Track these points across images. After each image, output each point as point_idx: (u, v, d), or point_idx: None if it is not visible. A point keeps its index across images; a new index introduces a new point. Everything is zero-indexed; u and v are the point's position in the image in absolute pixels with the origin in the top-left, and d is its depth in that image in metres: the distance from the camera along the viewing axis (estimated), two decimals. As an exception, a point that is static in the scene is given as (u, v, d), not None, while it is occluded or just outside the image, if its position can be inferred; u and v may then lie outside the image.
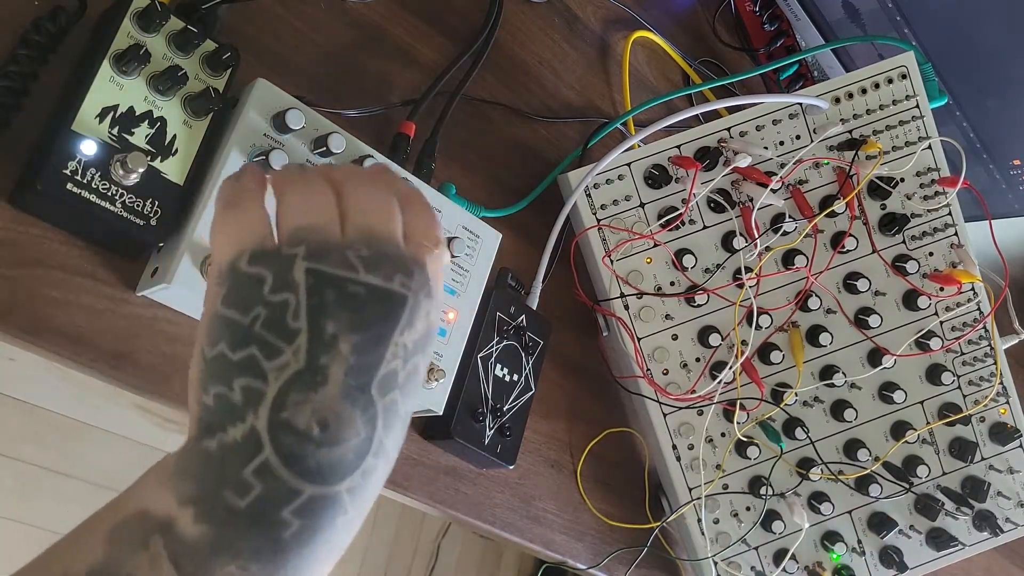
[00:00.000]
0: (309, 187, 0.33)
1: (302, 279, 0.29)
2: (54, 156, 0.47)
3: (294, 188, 0.33)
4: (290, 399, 0.27)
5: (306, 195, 0.32)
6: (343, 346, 0.28)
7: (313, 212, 0.31)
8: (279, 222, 0.32)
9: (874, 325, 0.77)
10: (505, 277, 0.69)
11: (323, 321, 0.28)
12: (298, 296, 0.29)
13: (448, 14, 0.74)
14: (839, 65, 0.93)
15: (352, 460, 0.27)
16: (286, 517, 0.26)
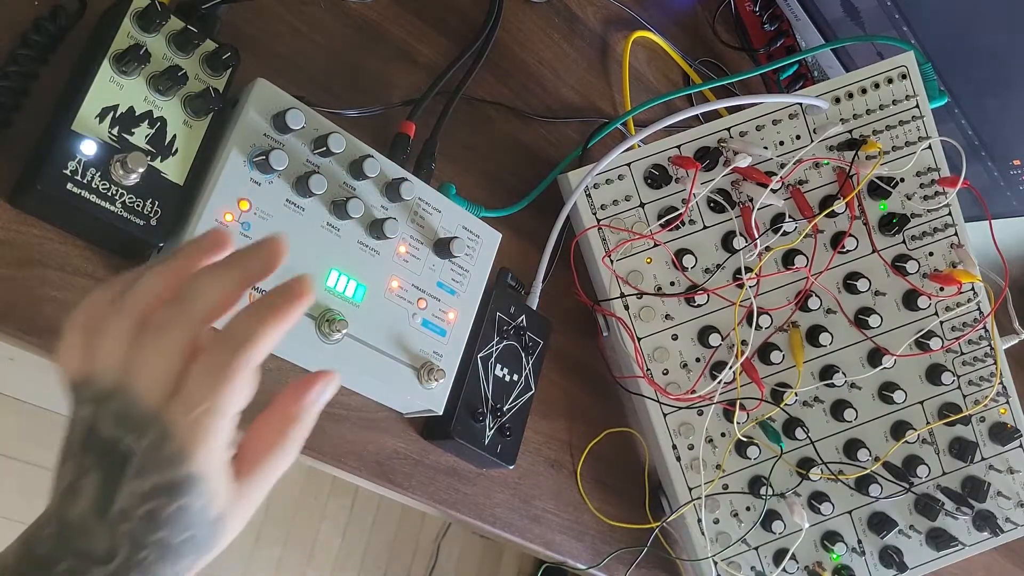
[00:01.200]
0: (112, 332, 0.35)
1: (85, 418, 0.35)
2: (54, 156, 0.47)
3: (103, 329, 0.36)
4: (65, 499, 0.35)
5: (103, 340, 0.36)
6: (91, 477, 0.35)
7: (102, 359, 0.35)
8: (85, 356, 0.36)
9: (874, 325, 0.77)
10: (505, 277, 0.69)
11: (83, 456, 0.35)
12: (77, 432, 0.35)
13: (448, 14, 0.74)
14: (839, 65, 0.93)
15: (102, 555, 0.34)
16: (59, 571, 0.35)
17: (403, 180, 0.60)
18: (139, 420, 0.34)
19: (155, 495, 0.34)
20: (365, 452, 0.62)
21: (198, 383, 0.34)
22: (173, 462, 0.34)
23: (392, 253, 0.60)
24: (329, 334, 0.55)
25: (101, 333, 0.36)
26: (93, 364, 0.35)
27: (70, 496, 0.35)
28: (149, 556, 0.35)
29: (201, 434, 0.35)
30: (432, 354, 0.61)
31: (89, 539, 0.34)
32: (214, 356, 0.35)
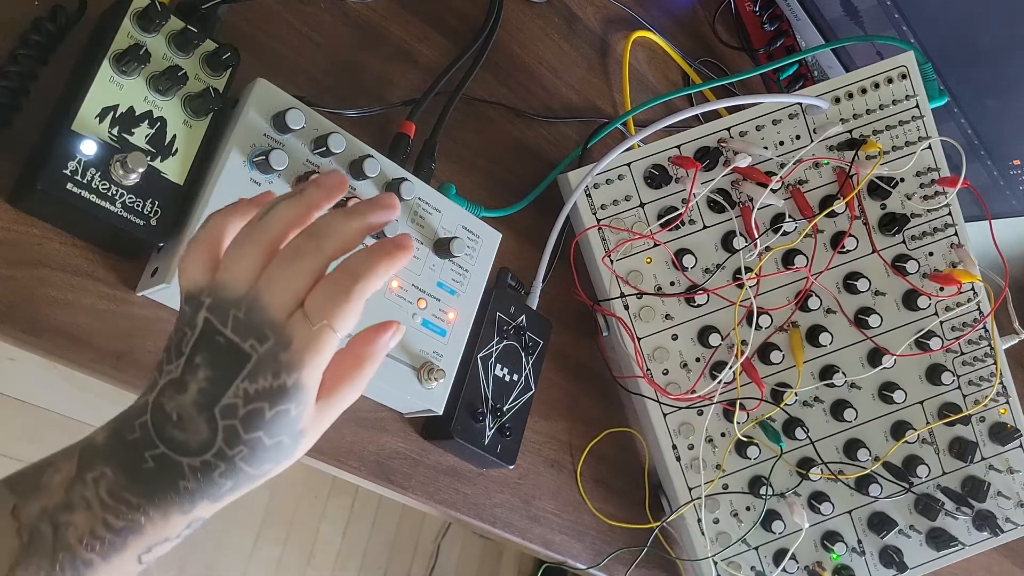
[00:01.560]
0: (244, 247, 0.40)
1: (200, 322, 0.39)
2: (54, 156, 0.47)
3: (235, 245, 0.41)
4: (166, 392, 0.39)
5: (238, 256, 0.40)
6: (200, 374, 0.39)
7: (232, 271, 0.40)
8: (218, 267, 0.41)
9: (874, 325, 0.77)
10: (505, 277, 0.69)
11: (196, 354, 0.39)
12: (193, 332, 0.39)
13: (448, 14, 0.74)
14: (839, 65, 0.93)
15: (194, 448, 0.39)
16: (146, 456, 0.39)
17: (403, 180, 0.60)
18: (263, 327, 0.39)
19: (262, 397, 0.39)
20: (365, 452, 0.62)
21: (322, 302, 0.39)
22: (287, 369, 0.39)
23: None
24: (329, 334, 0.55)
25: (235, 249, 0.40)
26: (222, 275, 0.40)
27: (173, 389, 0.39)
28: (240, 453, 0.39)
29: (315, 346, 0.39)
30: (432, 354, 0.61)
31: (186, 430, 0.39)
32: (338, 282, 0.40)
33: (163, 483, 0.39)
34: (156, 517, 0.39)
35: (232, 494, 0.41)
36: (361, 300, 0.40)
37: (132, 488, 0.39)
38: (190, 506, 0.40)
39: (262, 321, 0.39)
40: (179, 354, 0.39)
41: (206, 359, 0.39)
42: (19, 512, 0.38)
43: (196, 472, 0.39)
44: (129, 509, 0.39)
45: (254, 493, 1.35)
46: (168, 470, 0.39)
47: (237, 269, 0.40)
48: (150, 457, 0.39)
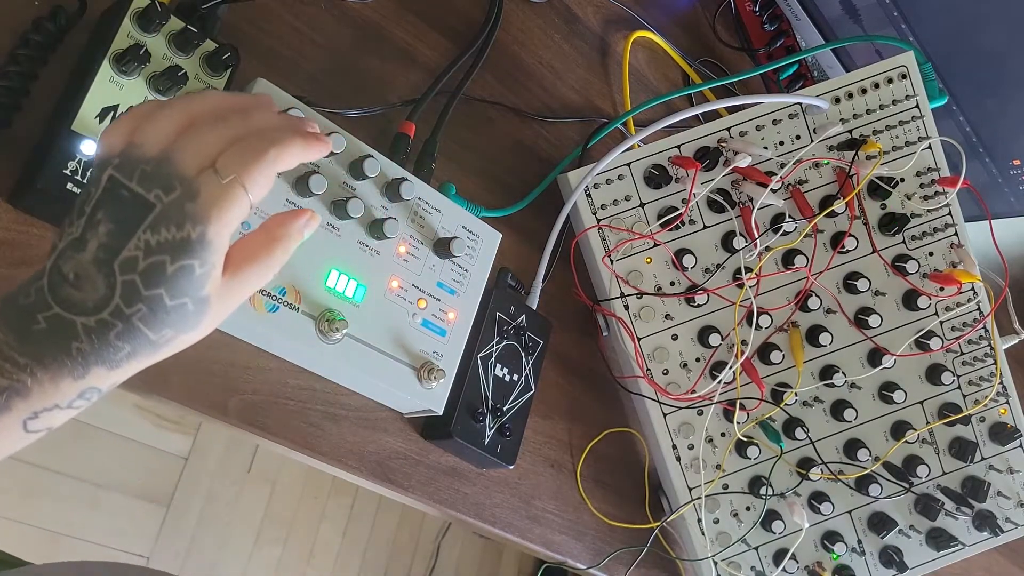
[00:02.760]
0: (164, 114, 0.40)
1: (104, 179, 0.39)
2: (54, 156, 0.47)
3: (156, 111, 0.41)
4: (65, 253, 0.39)
5: (155, 120, 0.40)
6: (101, 228, 0.38)
7: (147, 134, 0.40)
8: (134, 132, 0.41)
9: (874, 325, 0.77)
10: (505, 277, 0.69)
11: (97, 211, 0.39)
12: (97, 190, 0.39)
13: (448, 14, 0.74)
14: (839, 65, 0.93)
15: (90, 307, 0.38)
16: (39, 318, 0.38)
17: (403, 180, 0.60)
18: (170, 179, 0.39)
19: (164, 249, 0.38)
20: (365, 452, 0.62)
21: (234, 159, 0.39)
22: (191, 220, 0.38)
23: (392, 253, 0.60)
24: (329, 334, 0.55)
25: (154, 114, 0.40)
26: (137, 137, 0.40)
27: (72, 249, 0.38)
28: (139, 312, 0.39)
29: (223, 201, 0.39)
30: (432, 354, 0.61)
31: (82, 289, 0.38)
32: (251, 144, 0.40)
33: (54, 344, 0.38)
34: (44, 379, 0.38)
35: (130, 362, 0.40)
36: (274, 167, 0.40)
37: (20, 348, 0.38)
38: (83, 371, 0.39)
39: (170, 173, 0.39)
40: (80, 214, 0.39)
41: (108, 213, 0.38)
42: None
43: (91, 333, 0.38)
44: (15, 368, 0.38)
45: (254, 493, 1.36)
46: (60, 330, 0.38)
47: (152, 132, 0.40)
48: (42, 319, 0.38)
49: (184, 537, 1.64)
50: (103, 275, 0.38)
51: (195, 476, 1.67)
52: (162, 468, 1.64)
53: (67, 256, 0.38)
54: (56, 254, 0.39)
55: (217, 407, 0.56)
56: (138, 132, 0.40)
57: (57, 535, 1.50)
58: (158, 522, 1.61)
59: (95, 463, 1.56)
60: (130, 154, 0.39)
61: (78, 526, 1.52)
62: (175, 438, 1.66)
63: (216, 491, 1.69)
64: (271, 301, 0.53)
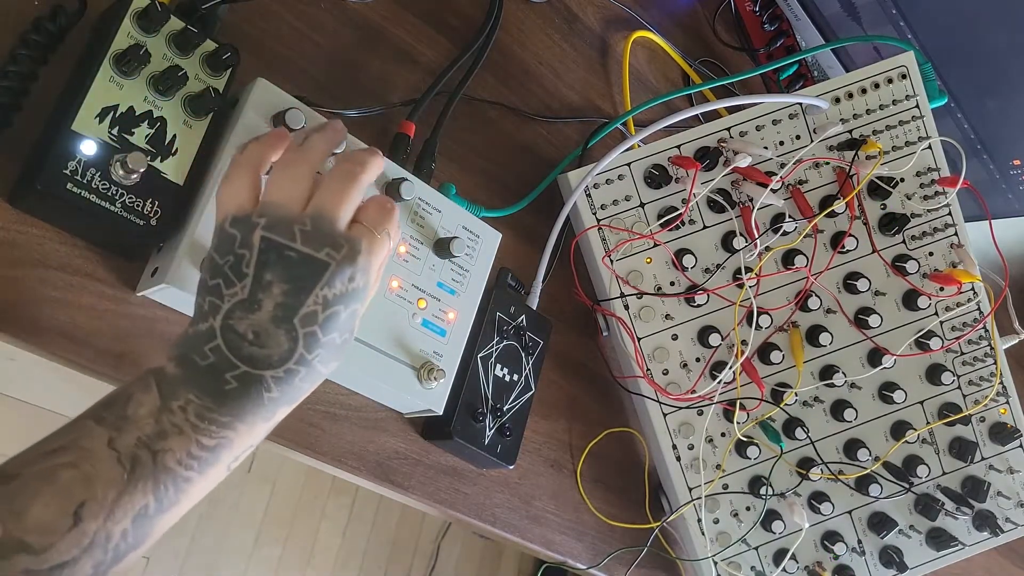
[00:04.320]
0: (293, 171, 0.44)
1: (257, 242, 0.42)
2: (54, 156, 0.47)
3: (283, 169, 0.45)
4: (235, 314, 0.41)
5: (287, 177, 0.44)
6: (275, 290, 0.41)
7: (285, 192, 0.44)
8: (264, 191, 0.44)
9: (874, 325, 0.77)
10: (505, 277, 0.69)
11: (263, 272, 0.42)
12: (252, 253, 0.42)
13: (448, 14, 0.74)
14: (839, 65, 0.93)
15: (276, 360, 0.42)
16: (228, 378, 0.41)
17: (403, 180, 0.60)
18: (334, 237, 0.43)
19: (340, 300, 0.43)
20: (365, 452, 0.62)
21: (376, 215, 0.45)
22: (361, 271, 0.43)
23: (392, 253, 0.60)
24: (329, 334, 0.55)
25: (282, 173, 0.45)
26: (274, 196, 0.44)
27: (243, 310, 0.42)
28: (319, 355, 0.43)
29: (380, 251, 0.45)
30: (432, 354, 0.61)
31: (265, 346, 0.42)
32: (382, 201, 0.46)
33: (248, 399, 0.42)
34: (243, 430, 0.42)
35: (306, 395, 0.44)
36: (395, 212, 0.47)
37: (219, 409, 0.41)
38: (272, 413, 0.43)
39: (333, 232, 0.43)
40: (241, 275, 0.42)
41: (279, 274, 0.42)
42: (115, 443, 0.40)
43: (280, 383, 0.42)
44: (219, 428, 0.41)
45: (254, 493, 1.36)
46: (252, 386, 0.41)
47: (289, 190, 0.44)
48: (232, 378, 0.41)
49: (184, 537, 1.64)
50: (284, 331, 0.42)
51: (195, 476, 1.67)
52: (162, 468, 1.63)
53: (239, 317, 0.41)
54: (223, 314, 0.42)
55: (217, 407, 0.56)
56: (271, 191, 0.44)
57: (57, 535, 1.49)
58: (158, 522, 1.61)
59: (95, 463, 1.56)
60: (276, 214, 0.43)
61: (78, 526, 1.52)
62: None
63: (216, 491, 1.69)
64: (271, 301, 0.53)
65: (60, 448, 0.39)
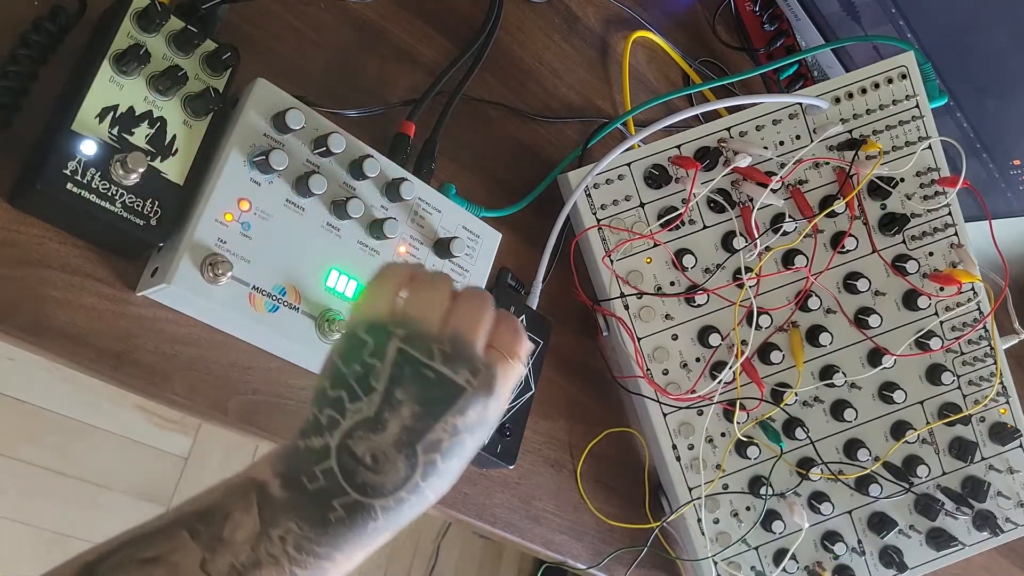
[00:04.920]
0: (433, 291, 0.42)
1: (392, 354, 0.39)
2: (54, 156, 0.47)
3: (423, 288, 0.43)
4: (356, 434, 0.38)
5: (427, 295, 0.42)
6: (405, 410, 0.38)
7: (426, 309, 0.41)
8: (402, 305, 0.42)
9: (874, 325, 0.77)
10: (505, 277, 0.69)
11: (395, 388, 0.38)
12: (384, 365, 0.39)
13: (448, 14, 0.74)
14: (839, 65, 0.93)
15: (389, 488, 0.38)
16: (335, 506, 0.38)
17: (403, 180, 0.60)
18: (473, 361, 0.40)
19: (469, 429, 0.39)
20: (365, 452, 0.62)
21: (510, 341, 0.42)
22: (494, 398, 0.40)
23: (392, 253, 0.60)
24: (329, 334, 0.55)
25: (423, 290, 0.42)
26: (413, 311, 0.41)
27: (367, 429, 0.38)
28: (432, 484, 0.39)
29: (513, 378, 0.42)
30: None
31: (381, 472, 0.38)
32: (515, 326, 0.43)
33: (352, 530, 0.38)
34: (341, 560, 0.39)
35: (409, 522, 0.40)
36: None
37: (319, 540, 0.38)
38: (372, 542, 0.39)
39: (472, 355, 0.40)
40: (369, 389, 0.39)
41: (412, 393, 0.39)
42: (208, 566, 0.37)
43: (388, 511, 0.39)
44: (317, 559, 0.38)
45: (254, 493, 1.28)
46: (359, 516, 0.38)
47: (429, 308, 0.41)
48: (339, 506, 0.38)
49: (184, 537, 1.64)
50: (404, 456, 0.38)
51: (195, 476, 1.67)
52: (162, 468, 1.64)
53: (359, 437, 0.38)
54: (343, 432, 0.38)
55: (217, 407, 0.56)
56: (412, 304, 0.42)
57: (57, 535, 1.50)
58: (158, 522, 1.61)
59: (95, 463, 1.56)
60: (416, 328, 0.40)
61: (78, 526, 1.52)
62: (175, 438, 1.66)
63: (216, 491, 1.69)
64: (271, 301, 0.53)
65: (153, 559, 0.37)
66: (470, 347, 0.40)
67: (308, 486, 0.38)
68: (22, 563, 1.46)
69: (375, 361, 0.39)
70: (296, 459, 0.39)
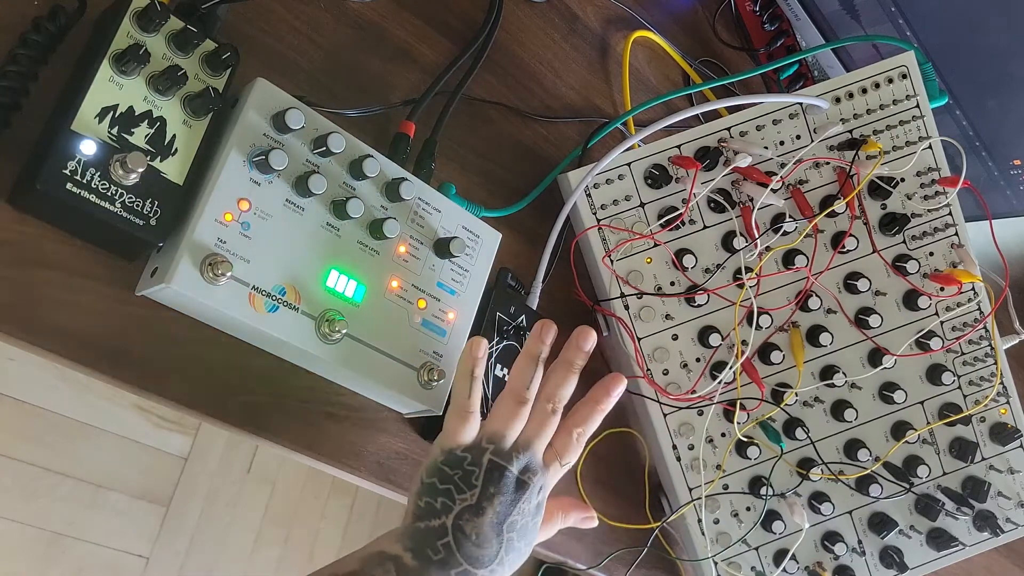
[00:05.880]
0: (512, 409, 0.56)
1: (485, 463, 0.54)
2: (54, 156, 0.47)
3: (505, 405, 0.56)
4: (464, 516, 0.52)
5: (507, 413, 0.56)
6: (496, 501, 0.53)
7: (506, 425, 0.56)
8: (488, 419, 0.56)
9: (874, 325, 0.77)
10: (505, 277, 0.69)
11: (488, 486, 0.53)
12: (480, 470, 0.54)
13: (448, 14, 0.74)
14: (839, 65, 0.93)
15: (485, 560, 0.52)
16: (452, 574, 0.51)
17: (403, 180, 0.60)
18: (537, 467, 0.56)
19: (531, 513, 0.55)
20: (365, 452, 0.62)
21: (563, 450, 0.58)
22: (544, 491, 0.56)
23: (392, 253, 0.60)
24: (329, 334, 0.55)
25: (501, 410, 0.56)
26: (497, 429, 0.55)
27: (471, 514, 0.52)
28: (510, 558, 0.53)
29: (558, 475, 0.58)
30: (432, 354, 0.61)
31: (481, 546, 0.52)
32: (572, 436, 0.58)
33: None
34: None
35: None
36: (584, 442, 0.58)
37: None
38: None
39: (536, 463, 0.56)
40: (470, 486, 0.53)
41: (499, 488, 0.53)
42: None
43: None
44: None
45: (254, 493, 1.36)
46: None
47: (508, 426, 0.55)
48: (455, 574, 0.51)
49: (184, 537, 1.64)
50: (495, 534, 0.52)
51: (195, 476, 1.67)
52: (162, 468, 1.64)
53: (467, 519, 0.52)
54: (454, 515, 0.52)
55: (217, 407, 0.56)
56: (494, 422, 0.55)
57: (57, 535, 1.50)
58: (158, 522, 1.61)
59: (95, 463, 1.56)
60: (500, 445, 0.55)
61: (78, 526, 1.52)
62: (175, 438, 1.66)
63: (216, 491, 1.69)
64: (271, 301, 0.53)
65: None
66: (535, 456, 0.56)
67: (433, 557, 0.50)
68: (22, 563, 1.46)
69: (474, 468, 0.53)
70: (420, 537, 0.51)
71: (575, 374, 0.58)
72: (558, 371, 0.58)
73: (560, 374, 0.58)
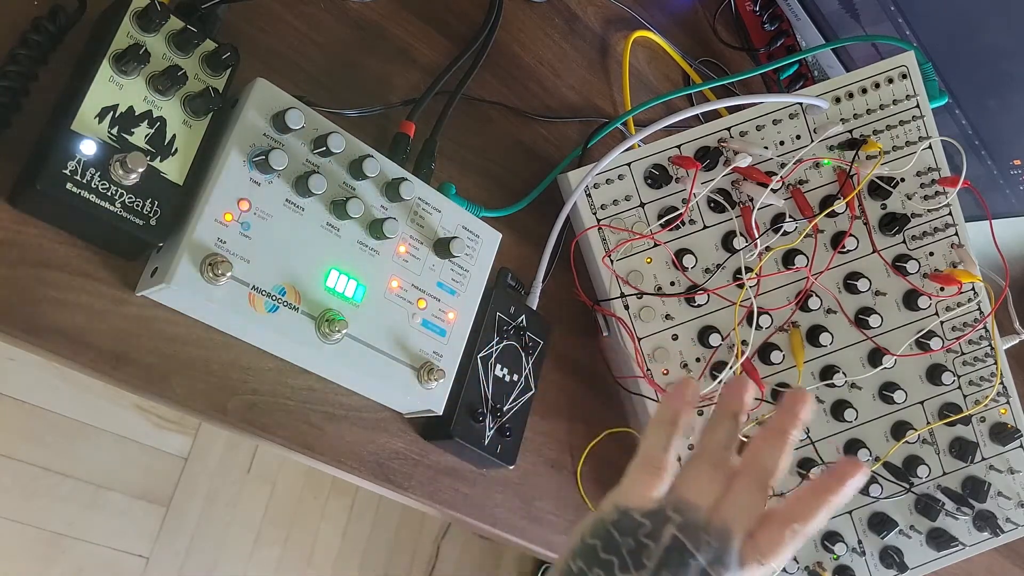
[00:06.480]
0: (708, 474, 0.44)
1: (667, 539, 0.42)
2: (54, 156, 0.47)
3: (698, 468, 0.45)
4: None
5: (701, 478, 0.44)
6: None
7: (700, 492, 0.44)
8: (676, 483, 0.45)
9: (874, 325, 0.77)
10: (505, 277, 0.69)
11: (662, 570, 0.41)
12: (658, 546, 0.42)
13: (448, 14, 0.74)
14: (839, 65, 0.93)
15: None
16: None
17: (403, 180, 0.60)
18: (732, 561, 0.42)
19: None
20: (365, 452, 0.62)
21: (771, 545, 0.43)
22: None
23: (392, 253, 0.60)
24: (329, 334, 0.55)
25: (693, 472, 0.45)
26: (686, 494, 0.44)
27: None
28: None
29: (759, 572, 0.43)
30: (432, 354, 0.61)
31: None
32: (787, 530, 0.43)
33: None
34: None
35: None
36: (801, 543, 0.43)
37: None
38: None
39: (731, 556, 0.42)
40: (639, 565, 0.42)
41: (669, 561, 0.42)
42: None
43: None
44: None
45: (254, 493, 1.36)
46: None
47: (704, 491, 0.44)
48: None
49: (184, 537, 1.64)
50: None
51: (195, 476, 1.67)
52: (162, 468, 1.64)
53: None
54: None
55: (217, 407, 0.56)
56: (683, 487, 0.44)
57: (57, 535, 1.50)
58: (158, 522, 1.61)
59: (95, 463, 1.56)
60: (690, 516, 0.43)
61: (78, 526, 1.52)
62: (175, 438, 1.66)
63: (216, 491, 1.69)
64: (271, 301, 0.53)
65: None
66: (732, 544, 0.42)
67: None
68: (22, 563, 1.46)
69: (650, 542, 0.42)
70: None
71: (791, 446, 0.46)
72: (769, 438, 0.45)
73: (773, 443, 0.45)
